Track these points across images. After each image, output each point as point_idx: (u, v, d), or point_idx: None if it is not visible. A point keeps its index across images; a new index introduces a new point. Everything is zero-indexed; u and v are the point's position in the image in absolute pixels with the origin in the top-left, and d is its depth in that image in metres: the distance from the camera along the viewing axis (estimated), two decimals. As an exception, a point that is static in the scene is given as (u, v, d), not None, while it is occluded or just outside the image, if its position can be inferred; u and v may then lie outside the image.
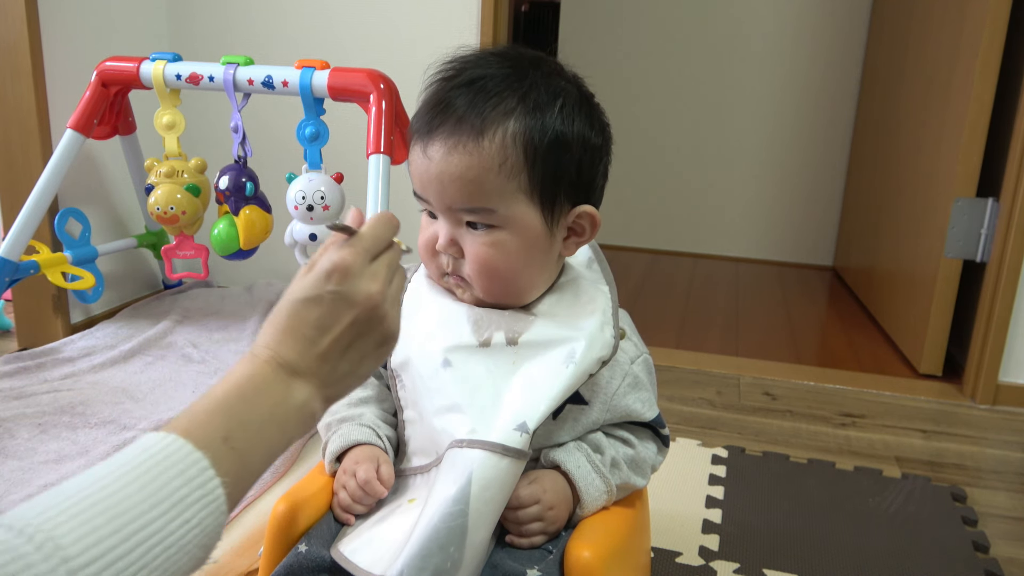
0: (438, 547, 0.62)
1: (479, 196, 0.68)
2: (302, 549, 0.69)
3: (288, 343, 0.53)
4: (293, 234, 1.50)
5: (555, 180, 0.69)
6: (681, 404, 1.61)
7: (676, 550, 1.09)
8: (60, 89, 1.72)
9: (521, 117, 0.68)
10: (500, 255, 0.70)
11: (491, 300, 0.73)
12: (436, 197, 0.70)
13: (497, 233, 0.69)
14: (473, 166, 0.67)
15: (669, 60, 2.92)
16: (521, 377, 0.69)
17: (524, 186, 0.68)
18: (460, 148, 0.67)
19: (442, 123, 0.68)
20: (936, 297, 1.77)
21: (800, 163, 2.89)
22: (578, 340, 0.70)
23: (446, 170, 0.68)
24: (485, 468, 0.64)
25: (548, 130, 0.68)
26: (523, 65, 0.70)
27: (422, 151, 0.70)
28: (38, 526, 0.39)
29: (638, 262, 2.89)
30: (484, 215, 0.69)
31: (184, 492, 0.44)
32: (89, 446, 1.27)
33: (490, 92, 0.68)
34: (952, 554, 1.12)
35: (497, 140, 0.67)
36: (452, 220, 0.71)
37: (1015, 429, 1.58)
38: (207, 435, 0.47)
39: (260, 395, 0.51)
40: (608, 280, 0.78)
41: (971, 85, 1.66)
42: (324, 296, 0.54)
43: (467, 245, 0.70)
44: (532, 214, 0.70)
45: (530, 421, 0.66)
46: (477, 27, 1.85)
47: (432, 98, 0.70)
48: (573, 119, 0.70)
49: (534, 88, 0.69)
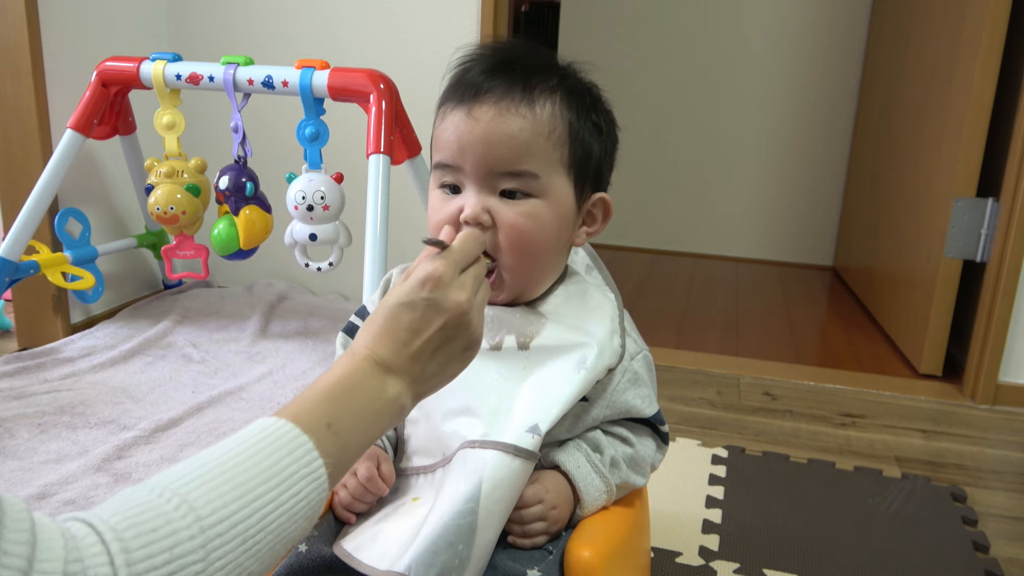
0: (447, 544, 0.62)
1: (527, 158, 0.69)
2: (302, 549, 0.69)
3: (384, 343, 0.59)
4: (293, 234, 1.50)
5: (586, 162, 0.72)
6: (681, 404, 1.61)
7: (676, 550, 1.09)
8: (60, 89, 1.72)
9: (564, 95, 0.71)
10: (535, 226, 0.70)
11: (516, 283, 0.72)
12: (478, 159, 0.69)
13: (533, 202, 0.70)
14: (526, 128, 0.68)
15: (669, 60, 2.93)
16: (532, 382, 0.70)
17: (565, 159, 0.71)
18: (513, 110, 0.68)
19: (491, 88, 0.69)
20: (936, 297, 1.77)
21: (800, 163, 2.89)
22: (590, 347, 0.71)
23: (496, 129, 0.68)
24: (497, 468, 0.65)
25: (585, 113, 0.72)
26: (553, 58, 0.74)
27: (466, 113, 0.69)
28: (175, 490, 0.46)
29: (638, 262, 2.89)
30: (527, 180, 0.69)
31: (293, 468, 0.50)
32: (89, 446, 1.27)
33: (534, 71, 0.70)
34: (952, 554, 1.12)
35: (547, 109, 0.69)
36: (486, 188, 0.70)
37: (1015, 429, 1.58)
38: (312, 421, 0.53)
39: (358, 388, 0.57)
40: (612, 287, 0.79)
41: (971, 85, 1.66)
42: (418, 302, 0.59)
43: (501, 215, 0.69)
44: (567, 189, 0.72)
45: (542, 424, 0.67)
46: (477, 27, 1.85)
47: (468, 72, 0.71)
48: (600, 109, 0.74)
49: (569, 73, 0.73)
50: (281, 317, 1.92)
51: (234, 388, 1.51)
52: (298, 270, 2.11)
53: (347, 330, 0.83)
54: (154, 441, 1.29)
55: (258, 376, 1.57)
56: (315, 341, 1.77)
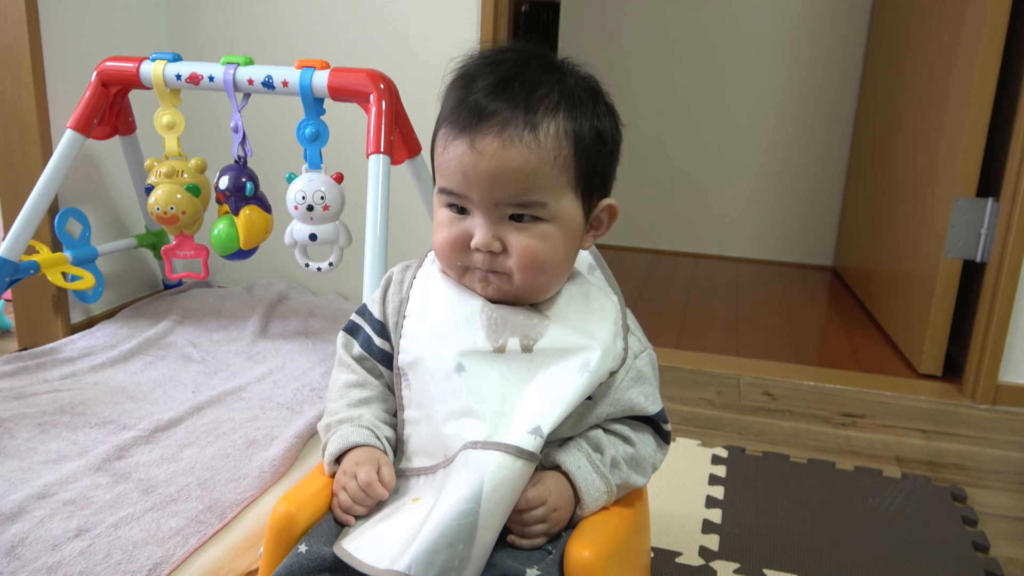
0: (447, 544, 0.63)
1: (534, 189, 0.68)
2: (302, 549, 0.69)
3: None
4: (293, 234, 1.50)
5: (593, 173, 0.72)
6: (681, 404, 1.61)
7: (676, 550, 1.09)
8: (60, 89, 1.72)
9: (568, 112, 0.69)
10: (547, 247, 0.70)
11: (525, 294, 0.73)
12: (484, 192, 0.69)
13: (543, 226, 0.70)
14: (531, 159, 0.67)
15: (669, 60, 2.93)
16: (536, 385, 0.70)
17: (572, 179, 0.70)
18: (517, 141, 0.67)
19: (492, 116, 0.67)
20: (936, 297, 1.77)
21: (800, 163, 2.89)
22: (594, 350, 0.71)
23: (502, 164, 0.67)
24: (500, 469, 0.65)
25: (590, 125, 0.70)
26: (551, 61, 0.72)
27: (469, 145, 0.68)
28: None
29: (638, 262, 2.89)
30: (535, 208, 0.69)
31: None
32: (89, 446, 1.27)
33: (535, 86, 0.68)
34: (952, 554, 1.12)
35: (552, 133, 0.68)
36: (495, 215, 0.70)
37: (1015, 429, 1.58)
38: None
39: None
40: (615, 288, 0.79)
41: (971, 85, 1.66)
42: None
43: (512, 239, 0.70)
44: (576, 207, 0.72)
45: (544, 425, 0.67)
46: (477, 27, 1.85)
47: (470, 92, 0.69)
48: (606, 114, 0.73)
49: (570, 83, 0.71)
50: (281, 317, 1.92)
51: (234, 388, 1.51)
52: (298, 270, 2.11)
53: (348, 329, 0.83)
54: (154, 441, 1.29)
55: (258, 376, 1.57)
56: (315, 341, 1.77)
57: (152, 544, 1.01)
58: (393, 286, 0.81)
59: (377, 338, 0.80)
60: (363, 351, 0.81)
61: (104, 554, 0.98)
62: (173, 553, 1.00)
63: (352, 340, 0.82)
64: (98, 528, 1.03)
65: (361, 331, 0.81)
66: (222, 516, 1.09)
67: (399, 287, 0.80)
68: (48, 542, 1.00)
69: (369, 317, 0.81)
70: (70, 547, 0.99)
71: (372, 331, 0.81)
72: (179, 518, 1.07)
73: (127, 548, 1.00)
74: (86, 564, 0.96)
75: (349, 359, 0.81)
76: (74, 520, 1.05)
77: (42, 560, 0.96)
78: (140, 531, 1.04)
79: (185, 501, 1.12)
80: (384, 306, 0.81)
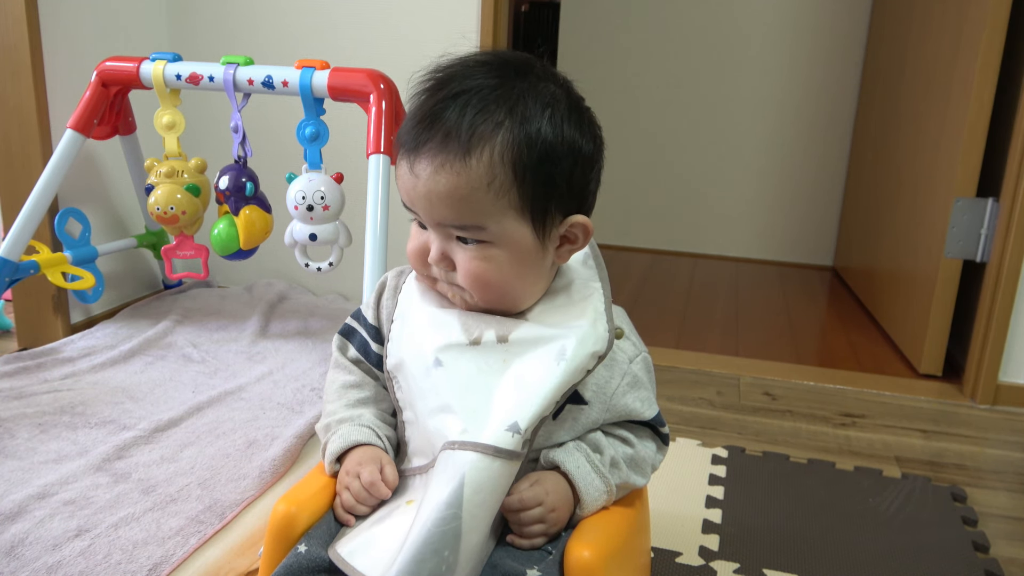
0: (432, 551, 0.62)
1: (468, 214, 0.67)
2: (302, 549, 0.69)
3: None
4: (293, 234, 1.50)
5: (546, 194, 0.68)
6: (681, 404, 1.61)
7: (676, 550, 1.09)
8: (60, 89, 1.72)
9: (509, 132, 0.66)
10: (492, 268, 0.69)
11: (486, 306, 0.73)
12: (425, 213, 0.69)
13: (488, 248, 0.69)
14: (461, 186, 0.66)
15: (669, 60, 2.93)
16: (512, 376, 0.69)
17: (514, 202, 0.67)
18: (447, 167, 0.66)
19: (428, 139, 0.67)
20: (936, 297, 1.77)
21: (800, 163, 2.89)
22: (568, 338, 0.70)
23: (434, 189, 0.67)
24: (478, 470, 0.64)
25: (537, 144, 0.66)
26: (510, 75, 0.68)
27: (409, 168, 0.69)
28: None
29: (638, 262, 2.89)
30: (474, 231, 0.68)
31: None
32: (89, 446, 1.27)
33: (477, 107, 0.66)
34: (952, 554, 1.12)
35: (485, 158, 0.65)
36: (442, 234, 0.70)
37: (1015, 429, 1.58)
38: None
39: None
40: (602, 277, 0.77)
41: (971, 85, 1.66)
42: None
43: (458, 259, 0.70)
44: (523, 229, 0.69)
45: (522, 421, 0.66)
46: (477, 27, 1.85)
47: (418, 111, 0.69)
48: (563, 129, 0.68)
49: (522, 99, 0.67)
50: (281, 317, 1.92)
51: (234, 388, 1.51)
52: (298, 270, 2.11)
53: (343, 332, 0.83)
54: (154, 441, 1.29)
55: (258, 376, 1.57)
56: (315, 341, 1.77)
57: (152, 544, 1.01)
58: (387, 291, 0.81)
59: (372, 343, 0.80)
60: (359, 354, 0.81)
61: (104, 554, 0.98)
62: (173, 553, 1.00)
63: (347, 343, 0.82)
64: (98, 528, 1.03)
65: (357, 335, 0.82)
66: (222, 516, 1.09)
67: (393, 292, 0.80)
68: (48, 542, 1.00)
69: (364, 322, 0.82)
70: (70, 547, 0.99)
71: (368, 335, 0.81)
72: (179, 518, 1.07)
73: (127, 548, 1.00)
74: (86, 564, 0.96)
75: (345, 361, 0.82)
76: (74, 520, 1.05)
77: (42, 560, 0.96)
78: (140, 531, 1.04)
79: (185, 501, 1.12)
80: (379, 311, 0.81)
